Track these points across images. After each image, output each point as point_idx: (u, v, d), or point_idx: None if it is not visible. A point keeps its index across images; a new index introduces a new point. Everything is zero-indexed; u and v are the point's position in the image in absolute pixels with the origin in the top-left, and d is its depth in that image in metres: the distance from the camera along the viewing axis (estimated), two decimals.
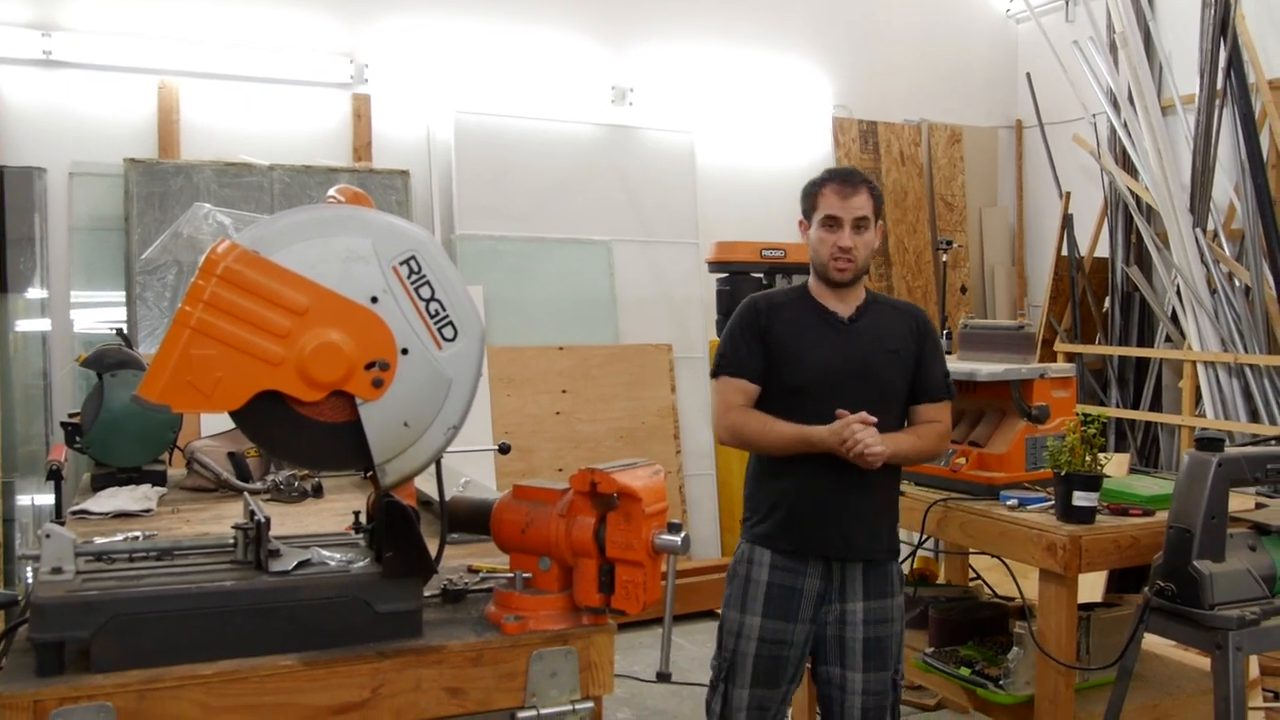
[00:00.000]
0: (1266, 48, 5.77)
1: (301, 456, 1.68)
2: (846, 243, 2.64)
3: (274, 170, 5.41)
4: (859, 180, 2.70)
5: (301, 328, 1.55)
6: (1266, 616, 2.65)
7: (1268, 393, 5.31)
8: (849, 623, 2.66)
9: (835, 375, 2.66)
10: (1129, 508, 3.10)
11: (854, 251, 2.65)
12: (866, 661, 2.66)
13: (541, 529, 1.74)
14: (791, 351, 2.68)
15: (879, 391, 2.67)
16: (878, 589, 2.69)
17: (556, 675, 1.71)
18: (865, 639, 2.66)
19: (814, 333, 2.70)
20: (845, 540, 2.65)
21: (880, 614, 2.69)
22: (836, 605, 2.67)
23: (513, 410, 5.74)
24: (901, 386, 2.72)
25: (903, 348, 2.72)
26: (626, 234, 6.25)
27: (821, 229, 2.68)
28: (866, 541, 2.68)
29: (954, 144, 7.21)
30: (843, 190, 2.66)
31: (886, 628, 2.69)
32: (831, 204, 2.66)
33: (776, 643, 2.66)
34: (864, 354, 2.68)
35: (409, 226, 1.64)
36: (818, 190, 2.71)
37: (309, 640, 1.60)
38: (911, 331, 2.75)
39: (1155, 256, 6.01)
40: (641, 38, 6.36)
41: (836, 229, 2.65)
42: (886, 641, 2.69)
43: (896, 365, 2.71)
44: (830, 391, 2.63)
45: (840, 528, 2.65)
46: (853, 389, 2.64)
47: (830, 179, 2.71)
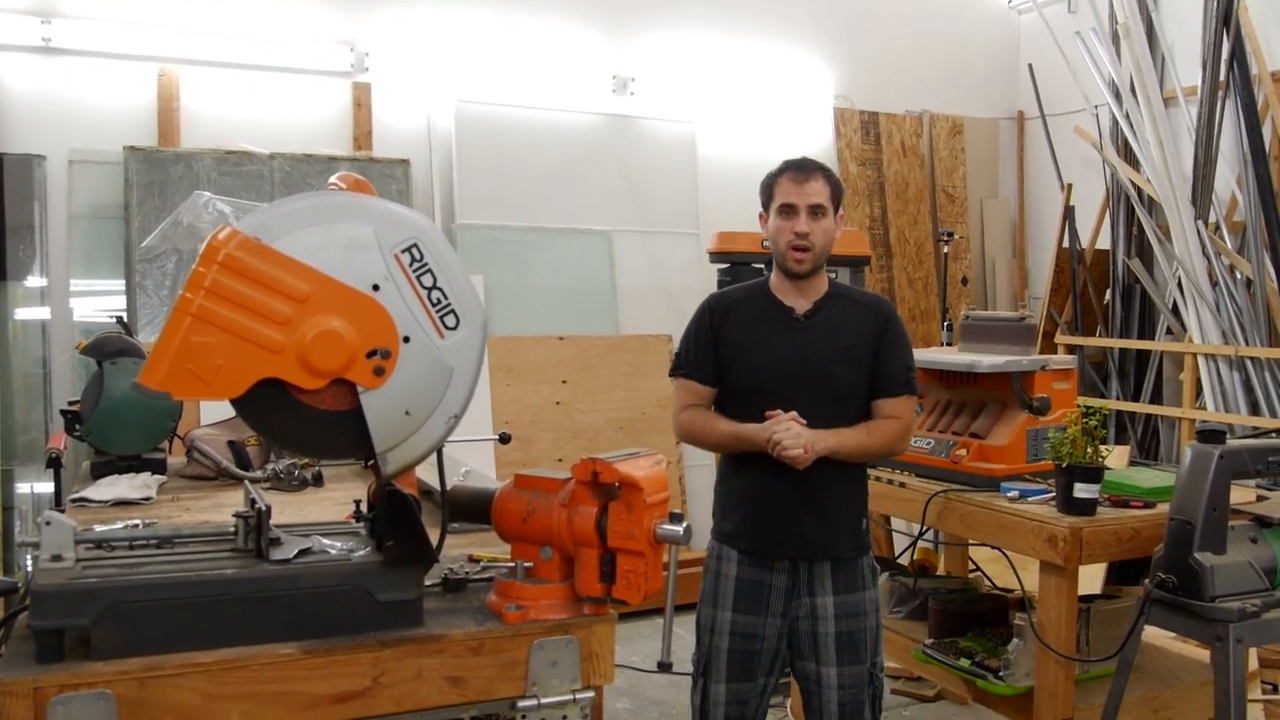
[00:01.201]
0: (1269, 39, 5.75)
1: (302, 445, 1.68)
2: (802, 228, 2.58)
3: (274, 159, 5.40)
4: (814, 167, 2.66)
5: (302, 315, 1.54)
6: (1267, 609, 2.65)
7: (1269, 385, 5.30)
8: (820, 617, 2.64)
9: (785, 374, 2.61)
10: (1130, 500, 3.10)
11: (810, 238, 2.59)
12: (840, 656, 2.64)
13: (543, 518, 1.73)
14: (742, 351, 2.66)
15: (830, 390, 2.62)
16: (847, 583, 2.66)
17: (558, 665, 1.70)
18: (837, 633, 2.64)
19: (765, 331, 2.66)
20: (803, 540, 2.62)
21: (851, 608, 2.66)
22: (806, 600, 2.65)
23: (512, 400, 5.74)
24: (856, 384, 2.65)
25: (858, 344, 2.64)
26: (627, 224, 6.24)
27: (778, 217, 2.63)
28: (826, 540, 2.64)
29: (955, 135, 7.19)
30: (797, 177, 2.62)
31: (859, 621, 2.66)
32: (786, 191, 2.62)
33: (748, 637, 2.65)
34: (815, 352, 2.63)
35: (411, 214, 1.63)
36: (774, 180, 2.68)
37: (310, 629, 1.60)
38: (871, 325, 2.67)
39: (1157, 248, 6.00)
40: (642, 27, 6.34)
41: (792, 216, 2.60)
42: (859, 635, 2.66)
43: (850, 362, 2.64)
44: (780, 391, 2.59)
45: (798, 528, 2.61)
46: (803, 388, 2.60)
47: (786, 168, 2.66)
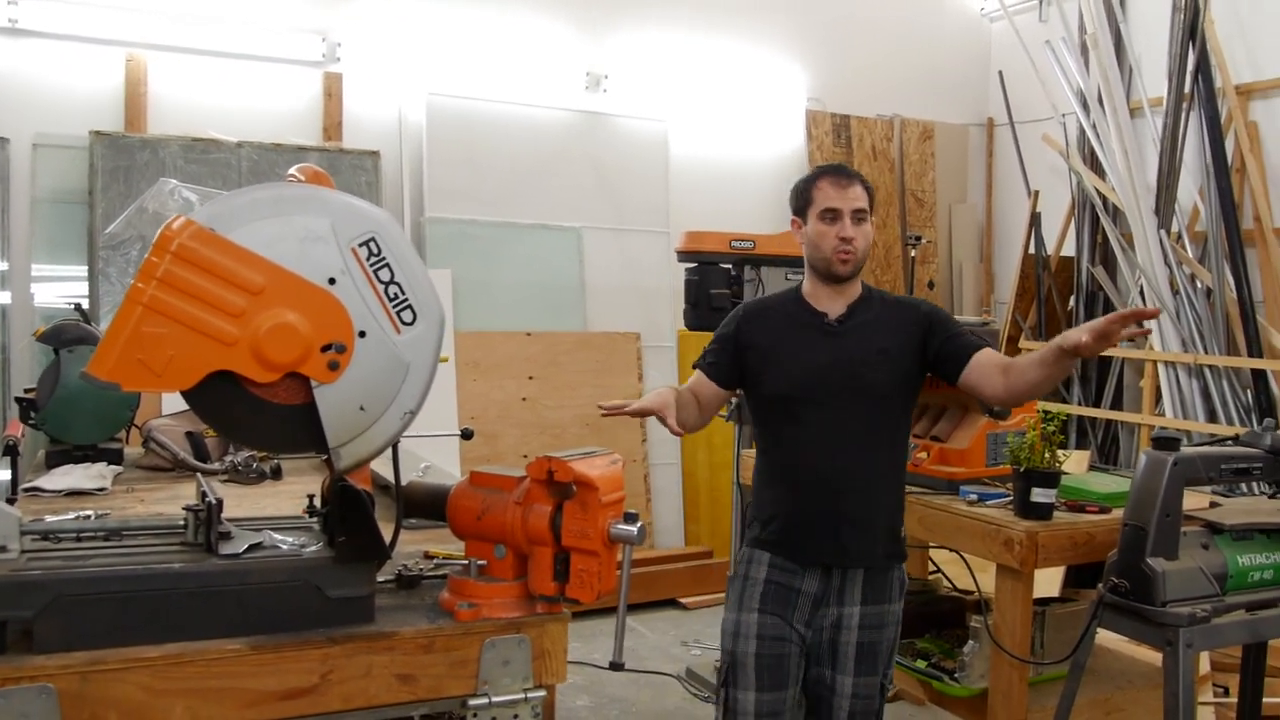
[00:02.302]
0: (1234, 53, 5.82)
1: (255, 438, 1.66)
2: (849, 233, 2.56)
3: (242, 147, 5.35)
4: (852, 174, 2.65)
5: (257, 308, 1.52)
6: (1217, 614, 2.68)
7: (1225, 394, 5.38)
8: (844, 627, 2.59)
9: (820, 380, 2.57)
10: (1086, 505, 3.12)
11: (854, 242, 2.57)
12: (858, 666, 2.59)
13: (497, 516, 1.73)
14: (774, 359, 2.62)
15: (866, 394, 2.57)
16: (876, 594, 2.61)
17: (509, 663, 1.70)
18: (859, 643, 2.59)
19: (799, 338, 2.62)
20: (841, 549, 2.57)
21: (876, 619, 2.61)
22: (834, 609, 2.60)
23: (479, 395, 5.72)
24: (895, 388, 2.60)
25: (895, 345, 2.60)
26: (597, 221, 6.23)
27: (820, 222, 2.59)
28: (864, 548, 2.58)
29: (926, 140, 7.24)
30: (839, 181, 2.60)
31: (880, 633, 2.61)
32: (829, 196, 2.59)
33: (776, 639, 2.58)
34: (850, 356, 2.58)
35: (369, 208, 1.62)
36: (812, 185, 2.64)
37: (259, 624, 1.59)
38: (911, 323, 2.63)
39: (1120, 257, 6.06)
40: (617, 24, 6.34)
41: (837, 220, 2.57)
42: (879, 646, 2.62)
43: (886, 365, 2.59)
44: (815, 397, 2.56)
45: (836, 536, 2.56)
46: (839, 393, 2.56)
47: (824, 173, 2.64)
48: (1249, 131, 5.70)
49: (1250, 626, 2.79)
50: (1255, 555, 2.82)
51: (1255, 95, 5.76)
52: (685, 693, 4.48)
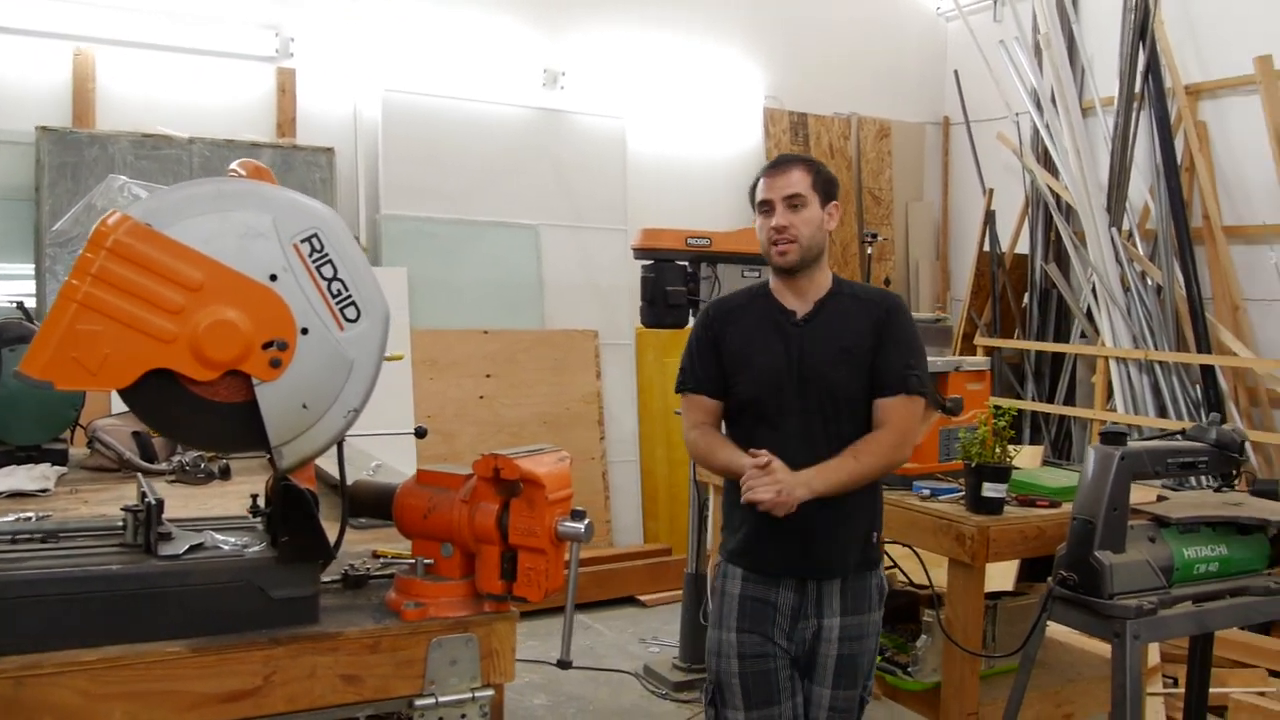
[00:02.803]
0: (1184, 53, 5.91)
1: (195, 437, 1.64)
2: (779, 221, 2.49)
3: (194, 144, 5.28)
4: (791, 160, 2.57)
5: (196, 305, 1.50)
6: (1164, 606, 2.72)
7: (1175, 389, 5.46)
8: (824, 639, 2.53)
9: (782, 383, 2.49)
10: (1036, 499, 3.16)
11: (791, 230, 2.48)
12: (837, 679, 2.54)
13: (444, 514, 1.71)
14: (742, 360, 2.54)
15: (830, 397, 2.48)
16: (855, 604, 2.55)
17: (456, 663, 1.68)
18: (839, 656, 2.53)
19: (764, 337, 2.54)
20: (810, 560, 2.51)
21: (855, 630, 2.54)
22: (813, 620, 2.53)
23: (436, 394, 5.69)
24: (857, 388, 2.50)
25: (858, 344, 2.50)
26: (555, 219, 6.22)
27: (760, 217, 2.56)
28: (835, 559, 2.52)
29: (883, 138, 7.29)
30: (772, 173, 2.55)
31: (860, 644, 2.55)
32: (762, 188, 2.56)
33: (758, 657, 2.52)
34: (813, 357, 2.49)
35: (311, 203, 1.60)
36: (755, 184, 2.61)
37: (201, 626, 1.56)
38: (872, 322, 2.52)
39: (1072, 254, 6.14)
40: (574, 21, 6.32)
41: (770, 213, 2.52)
42: (859, 659, 2.56)
43: (849, 365, 2.49)
44: (779, 401, 2.49)
45: (805, 548, 2.49)
46: (801, 397, 2.48)
47: (764, 169, 2.60)
48: (1198, 131, 5.79)
49: (1196, 618, 2.83)
50: (1201, 548, 2.87)
51: (1204, 95, 5.85)
52: (643, 690, 4.48)
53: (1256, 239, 5.58)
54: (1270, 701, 4.12)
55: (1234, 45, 5.60)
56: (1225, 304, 5.61)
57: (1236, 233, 5.66)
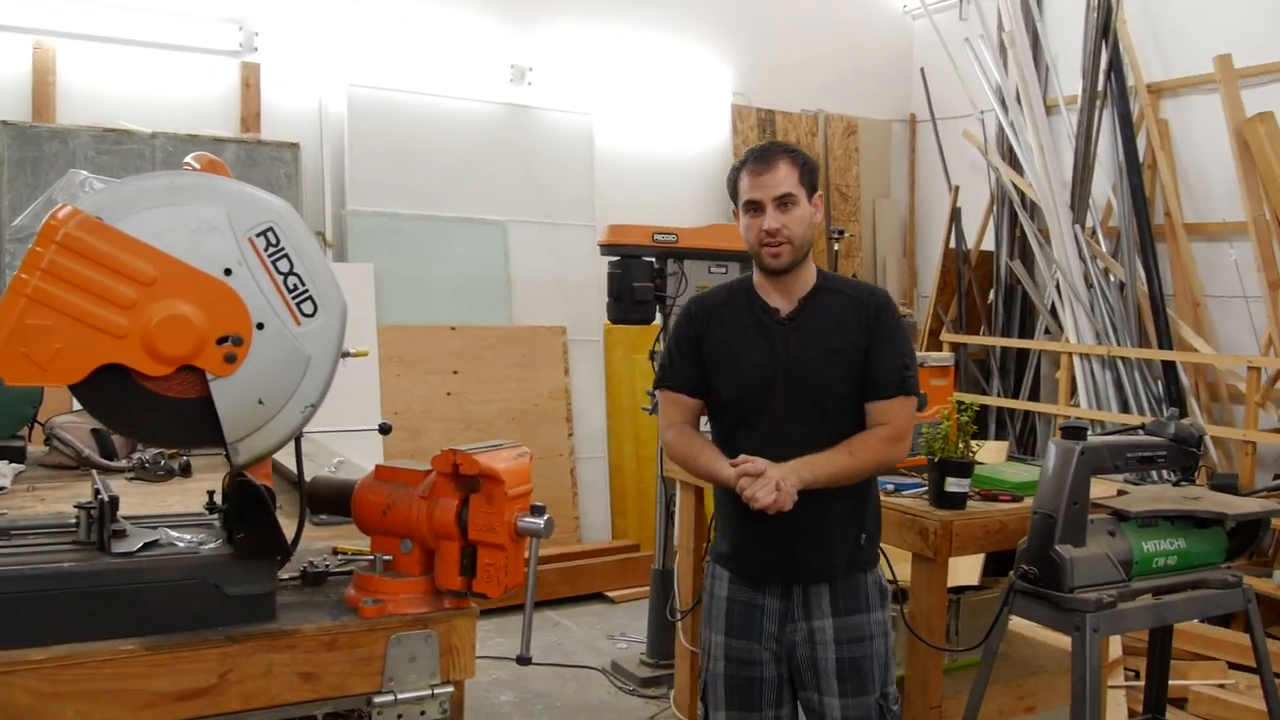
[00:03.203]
0: (1146, 52, 5.98)
1: (149, 434, 1.62)
2: (770, 225, 2.37)
3: (156, 138, 5.22)
4: (776, 152, 2.42)
5: (148, 299, 1.48)
6: (1123, 599, 2.75)
7: (1138, 384, 5.52)
8: (819, 642, 2.42)
9: (766, 385, 2.41)
10: (999, 494, 3.19)
11: (783, 232, 2.37)
12: (842, 685, 2.41)
13: (403, 510, 1.70)
14: (724, 360, 2.46)
15: (816, 400, 2.40)
16: (848, 605, 2.44)
17: (416, 659, 1.67)
18: (839, 660, 2.41)
19: (747, 337, 2.45)
20: (793, 563, 2.43)
21: (853, 632, 2.43)
22: (803, 624, 2.43)
23: (403, 390, 5.66)
24: (846, 390, 2.41)
25: (846, 344, 2.40)
26: (523, 215, 6.20)
27: (746, 215, 2.43)
28: (820, 563, 2.43)
29: (850, 135, 7.32)
30: (756, 168, 2.40)
31: (862, 646, 2.43)
32: (748, 186, 2.41)
33: (744, 663, 2.46)
34: (799, 357, 2.40)
35: (267, 197, 1.58)
36: (737, 176, 2.46)
37: (155, 624, 1.54)
38: (860, 321, 2.42)
39: (1037, 251, 6.19)
40: (541, 17, 6.30)
41: (759, 213, 2.39)
42: (864, 662, 2.42)
43: (837, 367, 2.40)
44: (762, 403, 2.41)
45: (788, 551, 2.42)
46: (786, 399, 2.40)
47: (746, 160, 2.44)
48: (1160, 129, 5.85)
49: (1155, 611, 2.87)
50: (1160, 541, 2.90)
51: (1166, 94, 5.91)
52: (609, 686, 4.48)
53: (1217, 236, 5.65)
54: (1230, 693, 4.18)
55: (1195, 44, 5.66)
56: (1186, 300, 5.68)
57: (1197, 230, 5.73)
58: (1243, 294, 5.45)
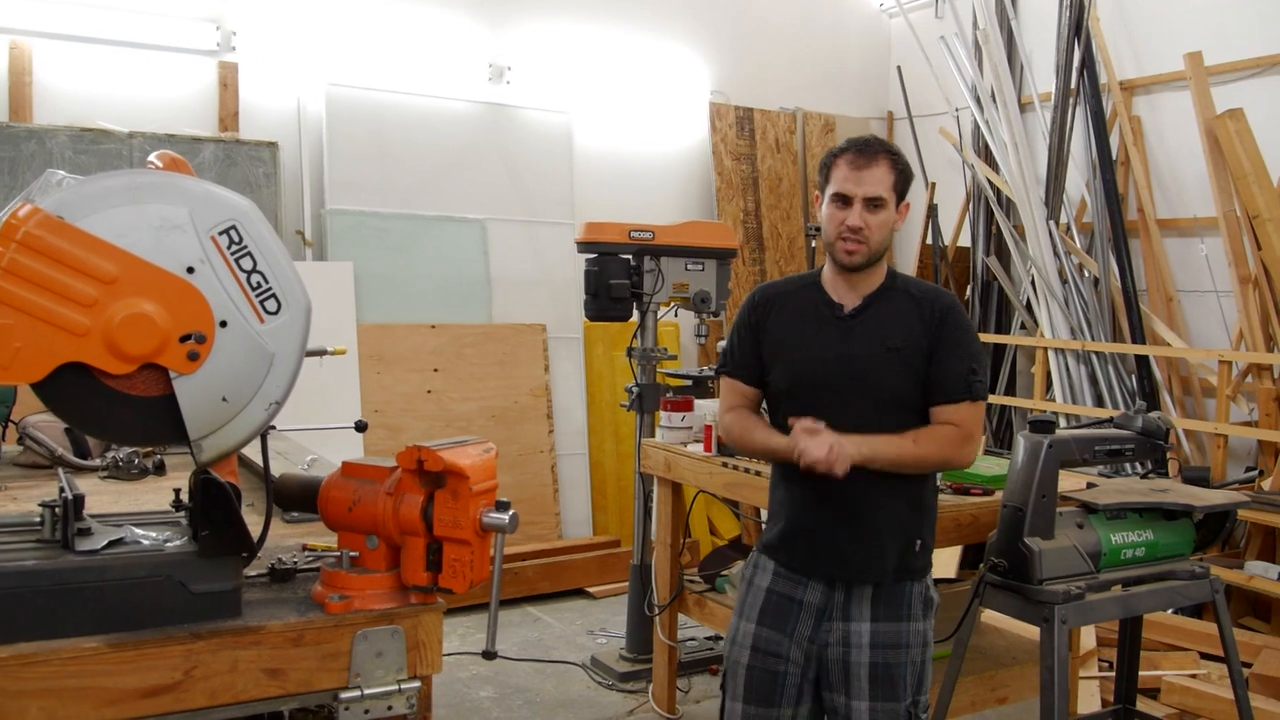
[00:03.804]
0: (1119, 49, 6.02)
1: (112, 432, 1.62)
2: (855, 222, 2.33)
3: (134, 138, 5.20)
4: (878, 150, 2.38)
5: (110, 297, 1.49)
6: (1091, 591, 2.79)
7: (1112, 379, 5.57)
8: (853, 645, 2.38)
9: (822, 378, 2.39)
10: (970, 487, 3.22)
11: (865, 233, 2.34)
12: (874, 689, 2.36)
13: (369, 507, 1.71)
14: (783, 350, 2.46)
15: (873, 397, 2.37)
16: (889, 611, 2.39)
17: (382, 655, 1.69)
18: (872, 664, 2.37)
19: (809, 329, 2.44)
20: (841, 561, 2.40)
21: (891, 638, 2.39)
22: (839, 625, 2.40)
23: (383, 388, 5.66)
24: (906, 390, 2.38)
25: (909, 344, 2.36)
26: (502, 213, 6.20)
27: (831, 205, 2.38)
28: (867, 562, 2.39)
29: (828, 133, 7.35)
30: (856, 161, 2.35)
31: (898, 654, 2.38)
32: (843, 178, 2.35)
33: (771, 655, 2.43)
34: (859, 353, 2.38)
35: (229, 195, 1.59)
36: (833, 161, 2.40)
37: (120, 622, 1.55)
38: (924, 322, 2.38)
39: (1012, 247, 6.23)
40: (519, 16, 6.30)
41: (847, 207, 2.35)
42: (897, 670, 2.37)
43: (897, 365, 2.37)
44: (817, 396, 2.38)
45: (835, 547, 2.39)
46: (842, 394, 2.38)
47: (847, 149, 2.39)
48: (1133, 126, 5.90)
49: (1123, 602, 2.91)
50: (1128, 533, 2.94)
51: (1139, 91, 5.96)
52: (589, 681, 4.50)
53: (1189, 232, 5.70)
54: (1201, 683, 4.22)
55: (1167, 42, 5.71)
56: (1159, 295, 5.73)
57: (1170, 225, 5.78)
58: (1214, 289, 5.50)
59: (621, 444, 6.24)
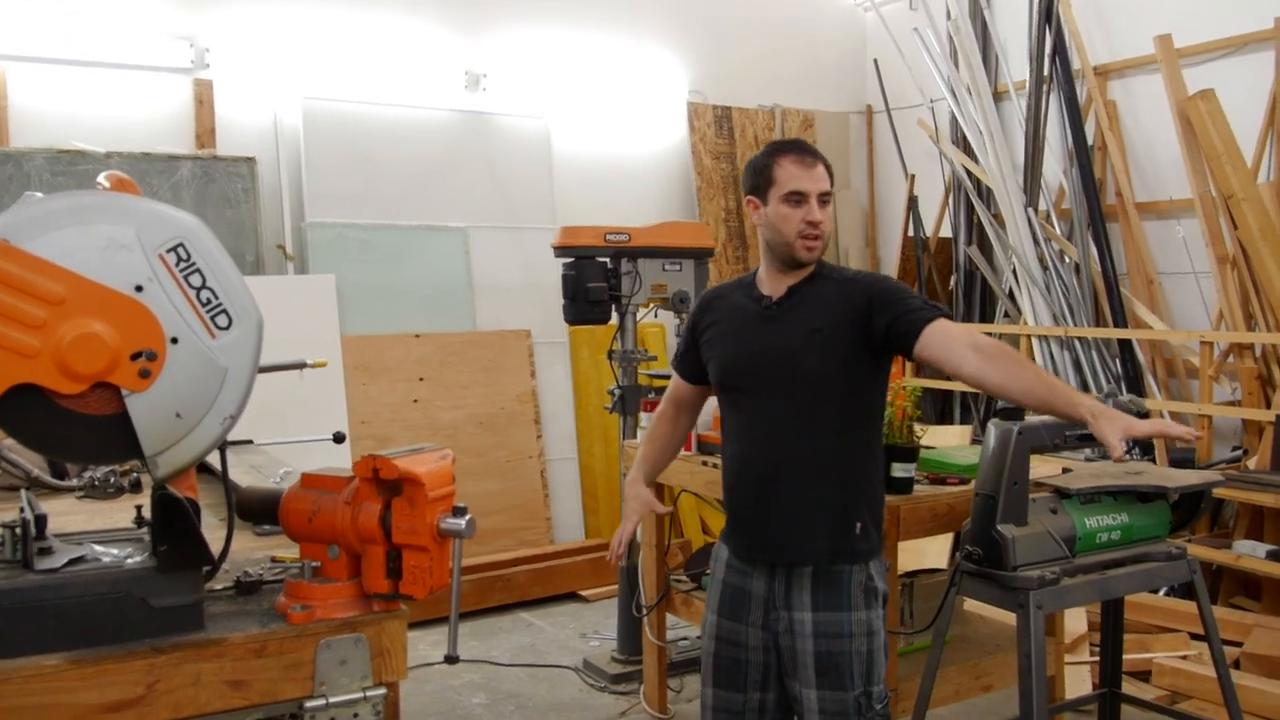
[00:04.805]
0: (1091, 35, 6.04)
1: (67, 451, 1.64)
2: (817, 216, 2.40)
3: (111, 158, 5.22)
4: (814, 152, 2.48)
5: (59, 318, 1.50)
6: (1067, 575, 2.80)
7: (1095, 364, 5.59)
8: (798, 634, 2.43)
9: (749, 367, 2.48)
10: (947, 477, 3.24)
11: (823, 226, 2.42)
12: (820, 678, 2.40)
13: (328, 516, 1.72)
14: (713, 348, 2.58)
15: (797, 379, 2.43)
16: (829, 600, 2.42)
17: (346, 663, 1.70)
18: (817, 652, 2.41)
19: (737, 324, 2.54)
20: (774, 546, 2.46)
21: (832, 627, 2.42)
22: (784, 613, 2.45)
23: (369, 399, 5.67)
24: (827, 369, 2.41)
25: (829, 324, 2.41)
26: (483, 220, 6.22)
27: (784, 205, 2.41)
28: (799, 545, 2.43)
29: (807, 129, 7.36)
30: (804, 160, 2.43)
31: (841, 643, 2.41)
32: (795, 176, 2.41)
33: (732, 644, 2.52)
34: (780, 340, 2.45)
35: (176, 213, 1.60)
36: (772, 162, 2.45)
37: (81, 639, 1.56)
38: (851, 299, 2.42)
39: (993, 236, 6.25)
40: (493, 23, 6.32)
41: (803, 204, 2.40)
42: (842, 659, 2.40)
43: (818, 347, 2.41)
44: (749, 385, 2.48)
45: (766, 529, 2.47)
46: (766, 380, 2.46)
47: (788, 149, 2.46)
48: (1108, 110, 5.92)
49: (1098, 585, 2.92)
50: (1102, 517, 2.95)
51: (1113, 75, 5.98)
52: (581, 684, 4.51)
53: (1167, 214, 5.71)
54: (1192, 664, 4.24)
55: (1139, 25, 5.72)
56: (1140, 279, 5.75)
57: (1149, 209, 5.80)
58: (1192, 270, 5.52)
59: (610, 447, 6.25)
